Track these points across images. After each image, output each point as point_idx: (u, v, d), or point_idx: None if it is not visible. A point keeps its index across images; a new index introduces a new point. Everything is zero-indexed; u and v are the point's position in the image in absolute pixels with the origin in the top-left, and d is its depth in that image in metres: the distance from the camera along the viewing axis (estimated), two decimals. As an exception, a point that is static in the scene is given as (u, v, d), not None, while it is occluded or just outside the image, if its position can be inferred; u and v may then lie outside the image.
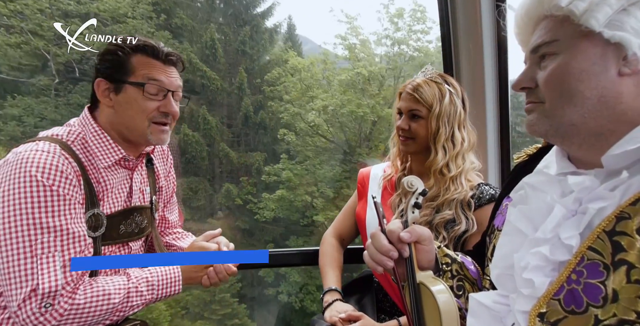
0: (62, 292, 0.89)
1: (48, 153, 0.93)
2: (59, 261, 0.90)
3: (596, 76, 0.57)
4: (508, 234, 0.66)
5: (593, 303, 0.51)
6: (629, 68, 0.56)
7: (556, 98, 0.60)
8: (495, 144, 1.54)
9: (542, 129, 0.62)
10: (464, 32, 1.52)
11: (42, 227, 0.89)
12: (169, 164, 1.32)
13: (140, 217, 1.14)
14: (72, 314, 0.90)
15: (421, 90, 1.21)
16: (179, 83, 1.09)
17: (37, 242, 0.88)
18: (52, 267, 0.89)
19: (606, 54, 0.56)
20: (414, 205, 0.80)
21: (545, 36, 0.62)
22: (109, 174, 1.05)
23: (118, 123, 1.05)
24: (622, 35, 0.55)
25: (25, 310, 0.86)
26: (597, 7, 0.55)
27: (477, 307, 0.67)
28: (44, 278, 0.87)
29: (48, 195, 0.90)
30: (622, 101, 0.56)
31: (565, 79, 0.58)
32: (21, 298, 0.86)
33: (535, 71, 0.64)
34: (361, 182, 1.43)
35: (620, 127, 0.56)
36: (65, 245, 0.91)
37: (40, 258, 0.88)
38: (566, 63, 0.59)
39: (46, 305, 0.87)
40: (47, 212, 0.89)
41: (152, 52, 1.05)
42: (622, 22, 0.55)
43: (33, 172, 0.89)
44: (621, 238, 0.51)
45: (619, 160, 0.55)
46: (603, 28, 0.55)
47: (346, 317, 1.16)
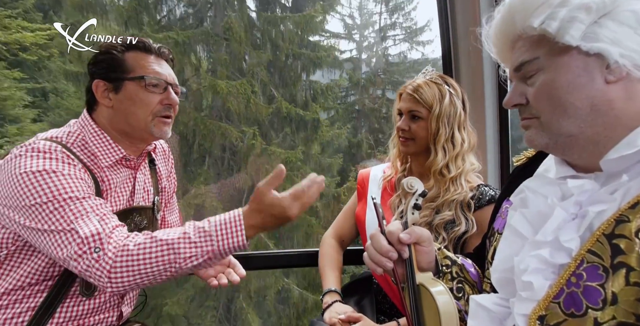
0: (106, 238, 0.88)
1: (49, 152, 0.94)
2: (94, 218, 0.90)
3: (584, 87, 0.57)
4: (508, 237, 0.66)
5: (592, 306, 0.51)
6: (613, 76, 0.56)
7: (550, 112, 0.60)
8: (494, 145, 1.54)
9: (542, 143, 0.63)
10: (464, 33, 1.52)
11: (65, 199, 0.90)
12: (170, 164, 1.32)
13: (140, 217, 1.14)
14: (124, 258, 0.87)
15: (421, 90, 1.22)
16: (174, 76, 1.10)
17: (66, 211, 0.89)
18: (89, 222, 0.89)
19: (588, 65, 0.57)
20: (413, 206, 0.80)
21: (525, 55, 0.63)
22: (112, 173, 1.05)
23: (119, 121, 1.05)
24: (599, 46, 0.55)
25: (82, 261, 0.86)
26: (569, 24, 0.56)
27: (478, 309, 0.67)
28: (84, 230, 0.88)
29: (60, 176, 0.91)
30: (614, 107, 0.57)
31: (555, 93, 0.59)
32: (74, 252, 0.86)
33: (523, 87, 0.65)
34: (361, 183, 1.43)
35: (616, 133, 0.57)
36: (94, 207, 0.92)
37: (76, 221, 0.89)
38: (552, 78, 0.60)
39: (96, 249, 0.87)
40: (64, 190, 0.90)
41: (144, 47, 1.06)
42: (597, 33, 0.56)
43: (37, 168, 0.90)
44: (620, 241, 0.51)
45: (617, 164, 0.56)
46: (580, 42, 0.56)
47: (345, 318, 1.16)
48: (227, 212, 0.95)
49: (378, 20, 11.18)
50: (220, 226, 0.91)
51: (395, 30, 11.35)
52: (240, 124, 7.57)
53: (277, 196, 0.92)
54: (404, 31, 11.35)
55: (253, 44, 8.12)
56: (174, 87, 1.09)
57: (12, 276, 0.98)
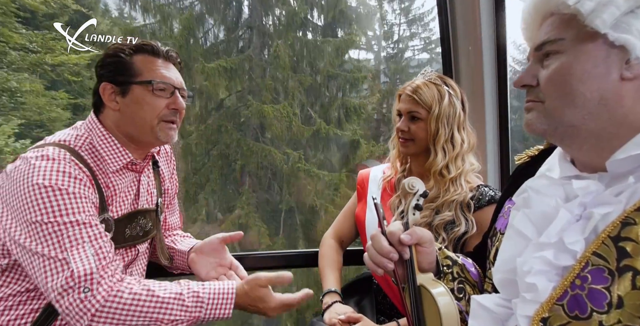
0: (99, 279, 0.87)
1: (59, 159, 0.93)
2: (90, 250, 0.89)
3: (598, 78, 0.56)
4: (511, 238, 0.65)
5: (597, 309, 0.51)
6: (630, 72, 0.55)
7: (557, 98, 0.59)
8: (494, 146, 1.53)
9: (541, 128, 0.62)
10: (463, 34, 1.52)
11: (65, 223, 0.88)
12: (172, 165, 1.32)
13: (145, 219, 1.13)
14: (114, 305, 0.87)
15: (420, 91, 1.21)
16: (182, 80, 1.09)
17: (63, 237, 0.88)
18: (84, 255, 0.88)
19: (609, 56, 0.56)
20: (414, 206, 0.79)
21: (551, 34, 0.61)
22: (117, 178, 1.04)
23: (126, 124, 1.04)
24: (627, 38, 0.54)
25: (67, 298, 0.85)
26: (604, 8, 0.54)
27: (479, 310, 0.67)
28: (77, 265, 0.86)
29: (64, 195, 0.90)
30: (623, 104, 0.56)
31: (567, 80, 0.58)
32: (60, 286, 0.85)
33: (537, 69, 0.63)
34: (360, 184, 1.43)
35: (621, 131, 0.56)
36: (92, 236, 0.91)
37: (70, 250, 0.87)
38: (569, 63, 0.58)
39: (84, 289, 0.86)
40: (67, 211, 0.89)
41: (152, 50, 1.05)
42: (629, 24, 0.54)
43: (47, 179, 0.89)
44: (626, 244, 0.51)
45: (624, 165, 0.55)
46: (608, 29, 0.55)
47: (345, 319, 1.16)
48: (219, 282, 1.00)
49: (397, 30, 11.18)
50: (214, 296, 0.95)
51: (414, 41, 11.35)
52: (282, 145, 7.89)
53: (271, 295, 0.99)
54: (422, 42, 11.37)
55: (293, 67, 8.37)
56: (181, 91, 1.08)
57: (19, 278, 0.97)
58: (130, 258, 1.10)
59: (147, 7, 7.90)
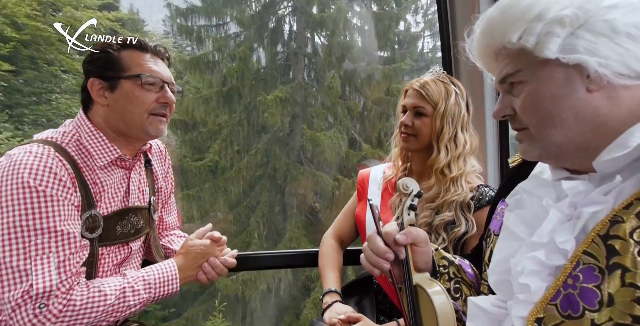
0: (56, 293, 0.88)
1: (42, 156, 0.92)
2: (54, 262, 0.89)
3: (566, 97, 0.58)
4: (505, 239, 0.66)
5: (589, 307, 0.51)
6: (595, 85, 0.56)
7: (537, 123, 0.61)
8: (494, 147, 1.53)
9: (535, 154, 0.64)
10: (464, 34, 1.51)
11: (35, 229, 0.88)
12: (167, 164, 1.32)
13: (136, 217, 1.13)
14: (67, 315, 0.89)
15: (428, 87, 1.22)
16: (170, 74, 1.10)
17: (30, 244, 0.87)
18: (47, 268, 0.88)
19: (569, 75, 0.57)
20: (409, 207, 0.79)
21: (508, 68, 0.63)
22: (106, 174, 1.05)
23: (115, 120, 1.04)
24: (577, 57, 0.56)
25: (20, 311, 0.86)
26: (546, 38, 0.56)
27: (476, 311, 0.67)
28: (37, 279, 0.86)
29: (41, 198, 0.89)
30: (600, 114, 0.57)
31: (539, 105, 0.60)
32: (15, 299, 0.85)
33: (510, 99, 0.65)
34: (361, 183, 1.43)
35: (605, 137, 0.57)
36: (59, 246, 0.91)
37: (34, 260, 0.87)
38: (535, 90, 0.60)
39: (40, 305, 0.86)
40: (41, 215, 0.89)
41: (140, 46, 1.06)
42: (574, 45, 0.56)
43: (25, 177, 0.88)
44: (615, 242, 0.51)
45: (610, 165, 0.55)
46: (558, 54, 0.57)
47: (345, 318, 1.16)
48: (159, 263, 1.11)
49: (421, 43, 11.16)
50: (158, 275, 1.06)
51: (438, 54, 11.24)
52: (332, 170, 8.26)
53: (204, 242, 1.17)
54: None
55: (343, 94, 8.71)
56: (170, 86, 1.09)
57: None
58: (123, 256, 1.11)
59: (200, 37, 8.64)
